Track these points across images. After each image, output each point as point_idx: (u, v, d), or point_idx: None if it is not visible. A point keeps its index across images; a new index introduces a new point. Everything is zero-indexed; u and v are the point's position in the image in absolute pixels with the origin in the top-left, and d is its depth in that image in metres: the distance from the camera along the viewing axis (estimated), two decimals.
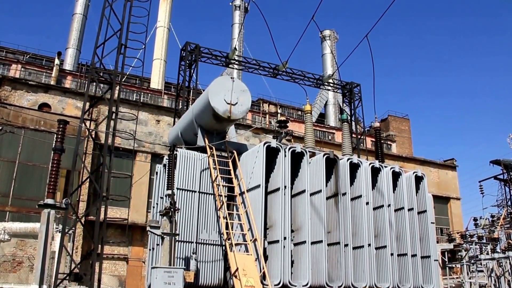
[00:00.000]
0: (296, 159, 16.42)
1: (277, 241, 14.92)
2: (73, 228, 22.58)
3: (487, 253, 40.28)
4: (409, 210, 18.48)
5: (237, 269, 13.41)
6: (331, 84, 32.58)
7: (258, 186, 15.37)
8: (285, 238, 14.92)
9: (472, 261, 40.61)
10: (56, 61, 49.83)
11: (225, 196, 15.70)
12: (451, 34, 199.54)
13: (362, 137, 34.04)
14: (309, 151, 16.82)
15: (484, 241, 42.36)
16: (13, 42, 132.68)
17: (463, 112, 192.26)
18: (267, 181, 15.91)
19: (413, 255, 17.94)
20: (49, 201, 13.44)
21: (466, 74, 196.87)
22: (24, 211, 28.60)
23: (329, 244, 15.81)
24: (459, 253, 43.27)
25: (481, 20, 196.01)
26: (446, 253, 43.50)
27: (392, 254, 17.27)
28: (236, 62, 29.82)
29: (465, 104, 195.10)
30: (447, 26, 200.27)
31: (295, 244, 15.63)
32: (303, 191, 15.96)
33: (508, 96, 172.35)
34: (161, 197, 17.73)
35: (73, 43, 60.86)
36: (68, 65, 57.88)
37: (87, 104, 21.31)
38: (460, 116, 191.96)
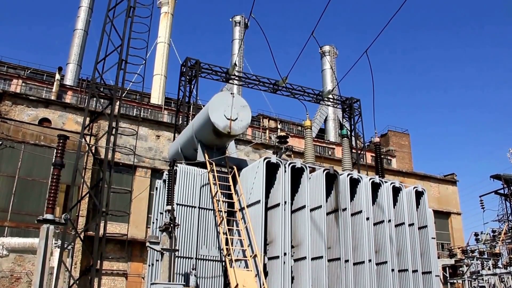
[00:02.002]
0: (296, 175, 16.38)
1: (277, 257, 14.84)
2: (72, 244, 22.47)
3: (489, 269, 40.08)
4: (409, 225, 18.40)
5: (237, 285, 13.35)
6: (331, 100, 32.66)
7: (258, 201, 15.34)
8: (285, 254, 14.84)
9: (474, 277, 40.39)
10: (57, 76, 49.99)
11: (225, 212, 15.70)
12: (450, 47, 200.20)
13: (362, 152, 34.08)
14: (309, 167, 16.80)
15: (486, 256, 42.18)
16: (14, 57, 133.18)
17: (463, 126, 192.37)
18: (267, 196, 15.87)
19: (414, 271, 17.84)
20: (48, 216, 13.32)
21: (466, 88, 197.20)
22: (23, 226, 28.49)
23: (329, 260, 15.73)
24: (461, 269, 43.07)
25: (481, 33, 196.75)
26: (447, 268, 43.29)
27: (393, 270, 17.17)
28: (236, 78, 29.93)
29: (465, 118, 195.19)
30: (446, 40, 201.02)
31: (295, 260, 15.54)
32: (303, 207, 15.90)
33: (508, 110, 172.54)
34: (160, 213, 17.69)
35: (74, 59, 61.10)
36: (69, 80, 58.06)
37: (87, 119, 21.35)
38: (460, 130, 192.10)
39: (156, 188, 19.03)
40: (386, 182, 18.32)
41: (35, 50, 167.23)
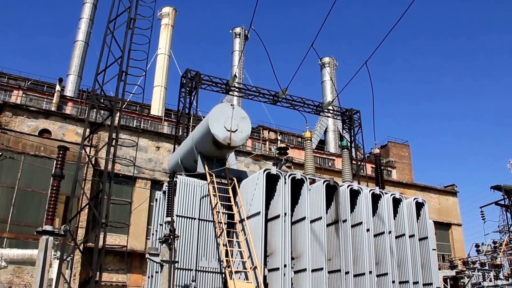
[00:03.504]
0: (296, 186, 16.34)
1: (277, 269, 14.78)
2: (71, 255, 22.37)
3: (490, 280, 39.85)
4: (410, 236, 18.33)
5: None
6: (331, 111, 32.67)
7: (258, 213, 15.29)
8: (285, 266, 14.78)
9: None
10: (57, 88, 50.05)
11: (225, 223, 15.64)
12: (451, 57, 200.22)
13: (362, 163, 34.02)
14: (309, 178, 16.77)
15: (487, 267, 41.94)
16: (14, 67, 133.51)
17: (463, 137, 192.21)
18: (267, 208, 15.82)
19: (415, 283, 17.75)
20: (48, 227, 13.26)
21: (466, 99, 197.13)
22: (22, 237, 28.36)
23: (329, 272, 15.66)
24: (462, 280, 42.77)
25: (481, 42, 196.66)
26: (448, 280, 43.02)
27: (393, 282, 17.10)
28: (236, 89, 29.94)
29: (465, 129, 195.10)
30: (447, 50, 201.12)
31: (295, 272, 15.45)
32: (303, 218, 15.84)
33: (508, 121, 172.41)
34: (160, 224, 17.63)
35: (74, 70, 61.19)
36: (69, 91, 58.10)
37: (88, 130, 21.35)
38: (460, 141, 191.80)
39: (156, 200, 19.00)
40: (386, 193, 18.28)
41: (35, 60, 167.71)
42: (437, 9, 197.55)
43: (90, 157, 23.90)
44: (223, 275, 15.46)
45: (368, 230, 17.04)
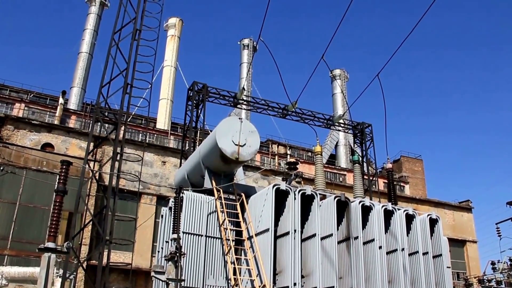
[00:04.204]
0: (306, 202, 16.07)
1: (287, 287, 14.44)
2: (74, 273, 22.03)
3: None
4: (423, 254, 17.98)
5: None
6: (342, 125, 32.47)
7: (267, 230, 15.05)
8: (295, 284, 14.50)
9: None
10: (61, 100, 50.09)
11: (232, 240, 15.48)
12: (465, 70, 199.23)
13: (374, 178, 33.62)
14: (319, 194, 16.52)
15: (503, 286, 41.42)
16: (17, 79, 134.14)
17: (478, 151, 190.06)
18: (276, 224, 15.55)
19: None
20: (50, 244, 12.95)
21: (481, 112, 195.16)
22: (24, 254, 28.06)
23: None
24: None
25: (496, 55, 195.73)
26: None
27: None
28: (245, 102, 29.76)
29: (480, 143, 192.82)
30: (460, 62, 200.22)
31: None
32: (314, 235, 15.58)
33: None
34: (166, 241, 17.52)
35: (78, 82, 61.31)
36: (73, 104, 58.19)
37: (91, 144, 21.17)
38: (475, 156, 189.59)
39: (162, 216, 18.82)
40: (399, 209, 17.95)
41: (38, 73, 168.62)
42: (451, 20, 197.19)
43: (94, 172, 23.65)
44: None
45: (380, 247, 16.67)
